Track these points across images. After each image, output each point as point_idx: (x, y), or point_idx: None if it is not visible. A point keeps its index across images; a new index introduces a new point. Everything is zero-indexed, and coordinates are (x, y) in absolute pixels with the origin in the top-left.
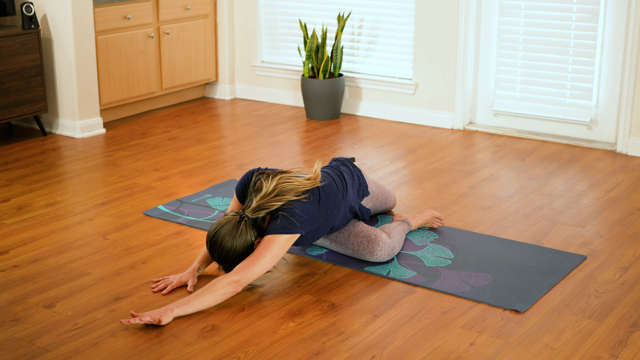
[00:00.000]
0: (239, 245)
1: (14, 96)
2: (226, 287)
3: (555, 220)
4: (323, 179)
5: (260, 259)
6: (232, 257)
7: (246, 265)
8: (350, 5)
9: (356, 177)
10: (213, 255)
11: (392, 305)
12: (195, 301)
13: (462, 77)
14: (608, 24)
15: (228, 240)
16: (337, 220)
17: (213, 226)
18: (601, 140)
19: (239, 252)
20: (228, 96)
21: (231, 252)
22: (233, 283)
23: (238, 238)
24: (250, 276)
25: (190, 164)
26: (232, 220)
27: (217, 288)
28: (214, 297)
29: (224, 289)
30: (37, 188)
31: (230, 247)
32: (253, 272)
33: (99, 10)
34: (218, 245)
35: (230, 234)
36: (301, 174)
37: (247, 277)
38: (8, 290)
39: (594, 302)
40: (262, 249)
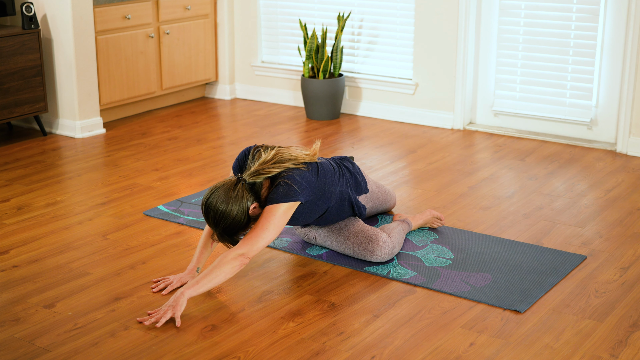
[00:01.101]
0: (235, 209)
1: (14, 96)
2: (232, 261)
3: (555, 220)
4: (321, 159)
5: (263, 230)
6: (227, 221)
7: (250, 237)
8: (350, 5)
9: (355, 173)
10: (207, 218)
11: (392, 305)
12: (204, 281)
13: (462, 77)
14: (608, 24)
15: (224, 201)
16: (332, 202)
17: (209, 189)
18: (601, 140)
19: (234, 215)
20: (228, 96)
21: (226, 214)
22: (239, 257)
23: (234, 200)
24: (256, 248)
25: (190, 164)
26: (229, 182)
27: (224, 263)
28: (222, 274)
29: (231, 264)
30: (37, 188)
31: (225, 210)
32: (258, 244)
33: (99, 10)
34: (213, 207)
35: (226, 194)
36: (300, 149)
37: (252, 249)
38: (8, 290)
39: (594, 302)
40: (265, 220)
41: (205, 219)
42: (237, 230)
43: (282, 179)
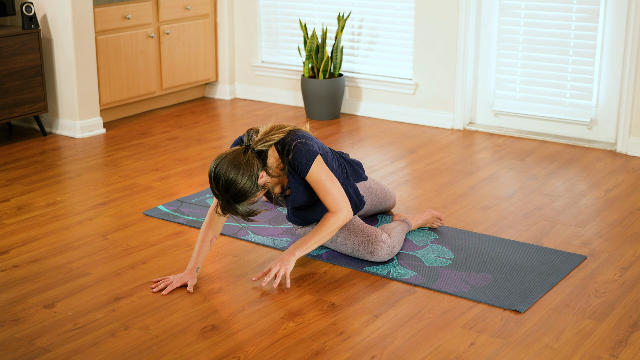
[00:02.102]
0: (245, 175)
1: (14, 96)
2: (337, 222)
3: (555, 220)
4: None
5: (327, 190)
6: (237, 187)
7: (329, 201)
8: (350, 5)
9: (351, 161)
10: (217, 184)
11: (392, 305)
12: (311, 242)
13: (462, 77)
14: (608, 23)
15: (235, 167)
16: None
17: (216, 157)
18: (601, 140)
19: (244, 182)
20: (228, 96)
21: (237, 180)
22: (345, 217)
23: (245, 166)
24: (341, 197)
25: (190, 164)
26: (238, 149)
27: (328, 227)
28: (329, 235)
29: (335, 225)
30: (37, 188)
31: (235, 175)
32: (338, 195)
33: (99, 10)
34: (223, 172)
35: (236, 160)
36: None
37: (341, 200)
38: (8, 290)
39: (594, 302)
40: (317, 185)
41: (214, 185)
42: (244, 198)
43: (294, 142)
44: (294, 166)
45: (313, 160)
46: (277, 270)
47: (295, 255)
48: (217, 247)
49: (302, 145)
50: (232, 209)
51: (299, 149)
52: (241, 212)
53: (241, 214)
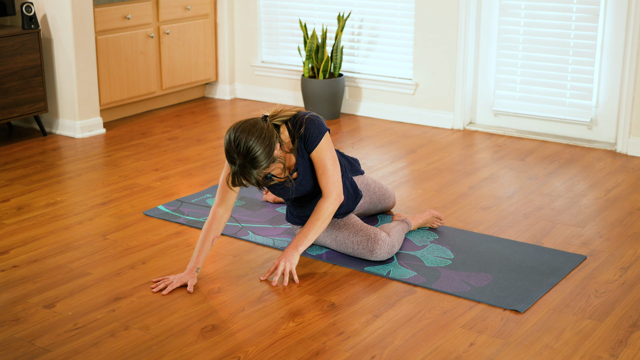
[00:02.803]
0: (266, 140)
1: (14, 96)
2: (331, 207)
3: (555, 220)
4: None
5: (329, 168)
6: (257, 151)
7: (326, 181)
8: (350, 5)
9: (346, 156)
10: (236, 148)
11: (392, 305)
12: (310, 234)
13: (462, 77)
14: (608, 24)
15: (256, 130)
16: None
17: (234, 124)
18: (601, 140)
19: (261, 148)
20: (228, 96)
21: (254, 146)
22: (335, 200)
23: (267, 132)
24: (338, 183)
25: (190, 164)
26: (255, 119)
27: (323, 214)
28: (325, 222)
29: (329, 210)
30: (37, 188)
31: (254, 141)
32: (336, 179)
33: (99, 10)
34: (245, 136)
35: (256, 126)
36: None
37: (337, 185)
38: (8, 290)
39: (594, 302)
40: (321, 163)
41: (233, 149)
42: (261, 164)
43: (306, 115)
44: (305, 138)
45: (323, 135)
46: (283, 268)
47: (298, 250)
48: (217, 247)
49: (314, 118)
50: (246, 176)
51: (312, 121)
52: (255, 179)
53: (254, 182)
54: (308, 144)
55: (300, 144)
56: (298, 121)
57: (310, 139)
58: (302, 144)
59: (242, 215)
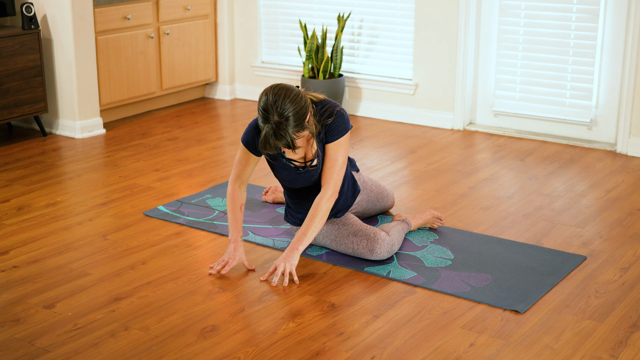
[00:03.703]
0: (302, 102)
1: (14, 96)
2: (327, 204)
3: (555, 220)
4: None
5: (336, 164)
6: (293, 109)
7: (330, 176)
8: (350, 6)
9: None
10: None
11: (392, 305)
12: (309, 232)
13: (462, 78)
14: (608, 24)
15: (295, 94)
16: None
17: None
18: (601, 141)
19: (300, 107)
20: (228, 96)
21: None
22: (331, 197)
23: (303, 97)
24: (339, 182)
25: (190, 165)
26: (291, 85)
27: (320, 211)
28: (323, 219)
29: (326, 207)
30: (37, 188)
31: (294, 98)
32: (338, 176)
33: (99, 11)
34: (285, 93)
35: (294, 89)
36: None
37: (337, 185)
38: (8, 290)
39: (594, 303)
40: (333, 156)
41: (272, 103)
42: (296, 123)
43: (337, 107)
44: (330, 128)
45: (346, 132)
46: (282, 269)
47: (298, 250)
48: (217, 248)
49: (344, 113)
50: (279, 135)
51: (342, 115)
52: (286, 140)
53: (285, 142)
54: (329, 135)
55: (322, 132)
56: (328, 109)
57: (334, 131)
58: (324, 132)
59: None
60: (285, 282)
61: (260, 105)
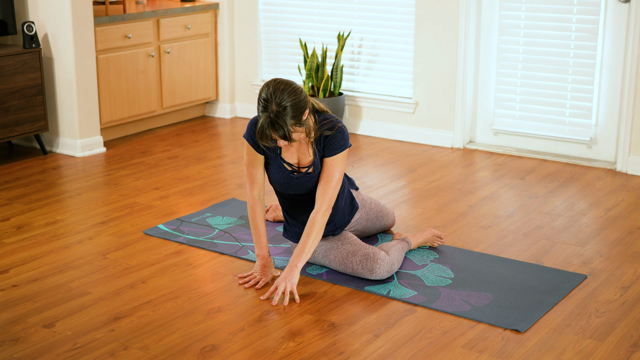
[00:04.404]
0: (302, 95)
1: (14, 115)
2: (322, 219)
3: (555, 239)
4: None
5: (332, 179)
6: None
7: (325, 191)
8: (350, 25)
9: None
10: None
11: (393, 324)
12: (306, 248)
13: (462, 96)
14: (607, 43)
15: (294, 86)
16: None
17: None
18: (601, 159)
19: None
20: (228, 115)
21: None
22: (326, 212)
23: (303, 92)
24: (333, 197)
25: (191, 183)
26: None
27: (316, 226)
28: (319, 234)
29: (321, 222)
30: (37, 207)
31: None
32: (333, 192)
33: (99, 30)
34: (287, 83)
35: (296, 84)
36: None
37: (332, 200)
38: (7, 309)
39: (595, 322)
40: (330, 171)
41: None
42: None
43: (339, 123)
44: (329, 142)
45: (345, 148)
46: (283, 288)
47: (297, 267)
48: (217, 266)
49: (345, 129)
50: (276, 125)
51: (343, 131)
52: (284, 131)
53: (282, 133)
54: (329, 149)
55: (320, 144)
56: (329, 122)
57: (333, 145)
58: (322, 145)
59: (242, 234)
60: (286, 301)
61: (261, 96)
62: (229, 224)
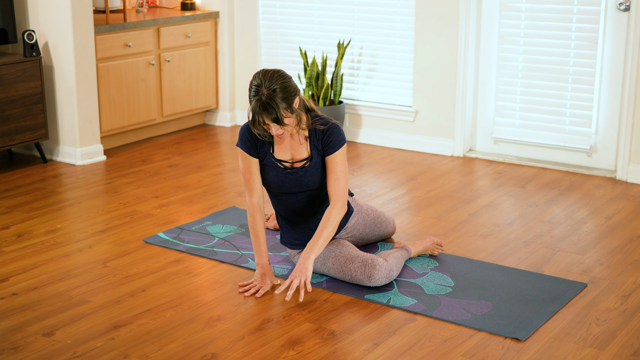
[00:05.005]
0: (291, 80)
1: (15, 123)
2: (338, 215)
3: (555, 247)
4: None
5: (341, 175)
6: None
7: (337, 188)
8: (350, 33)
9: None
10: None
11: (393, 333)
12: (320, 240)
13: (462, 104)
14: (607, 51)
15: (285, 74)
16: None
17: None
18: (601, 168)
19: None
20: (228, 123)
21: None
22: (341, 209)
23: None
24: (346, 193)
25: (191, 191)
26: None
27: (331, 221)
28: (333, 230)
29: (337, 218)
30: (37, 215)
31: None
32: (344, 187)
33: (100, 38)
34: (274, 71)
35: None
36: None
37: (345, 196)
38: (7, 318)
39: (595, 331)
40: (336, 168)
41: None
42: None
43: (333, 121)
44: (327, 139)
45: (344, 143)
46: (297, 283)
47: (310, 259)
48: (217, 275)
49: (339, 126)
50: (269, 108)
51: (338, 127)
52: (276, 113)
53: (274, 116)
54: (329, 147)
55: (319, 140)
56: (321, 118)
57: (333, 142)
58: (321, 142)
59: (241, 243)
60: (301, 295)
61: (253, 83)
62: (229, 232)
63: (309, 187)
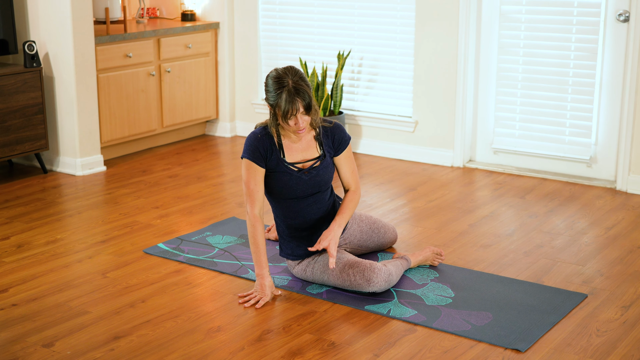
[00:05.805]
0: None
1: (15, 134)
2: (356, 196)
3: (555, 258)
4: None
5: (354, 167)
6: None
7: (353, 177)
8: (350, 44)
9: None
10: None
11: (393, 344)
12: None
13: (462, 115)
14: (606, 61)
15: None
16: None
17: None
18: (601, 178)
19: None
20: (228, 134)
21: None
22: (358, 191)
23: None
24: (358, 181)
25: (191, 202)
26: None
27: (352, 200)
28: (354, 207)
29: (356, 198)
30: (37, 226)
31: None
32: (358, 178)
33: (100, 49)
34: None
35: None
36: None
37: (358, 182)
38: (7, 329)
39: (595, 342)
40: (349, 163)
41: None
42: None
43: (335, 121)
44: (339, 139)
45: (350, 139)
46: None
47: (340, 224)
48: (217, 286)
49: (341, 125)
50: (300, 91)
51: (341, 126)
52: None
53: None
54: (340, 146)
55: (329, 139)
56: (324, 119)
57: (342, 140)
58: (331, 142)
59: (241, 253)
60: (332, 263)
61: (272, 78)
62: (229, 242)
63: (321, 188)
